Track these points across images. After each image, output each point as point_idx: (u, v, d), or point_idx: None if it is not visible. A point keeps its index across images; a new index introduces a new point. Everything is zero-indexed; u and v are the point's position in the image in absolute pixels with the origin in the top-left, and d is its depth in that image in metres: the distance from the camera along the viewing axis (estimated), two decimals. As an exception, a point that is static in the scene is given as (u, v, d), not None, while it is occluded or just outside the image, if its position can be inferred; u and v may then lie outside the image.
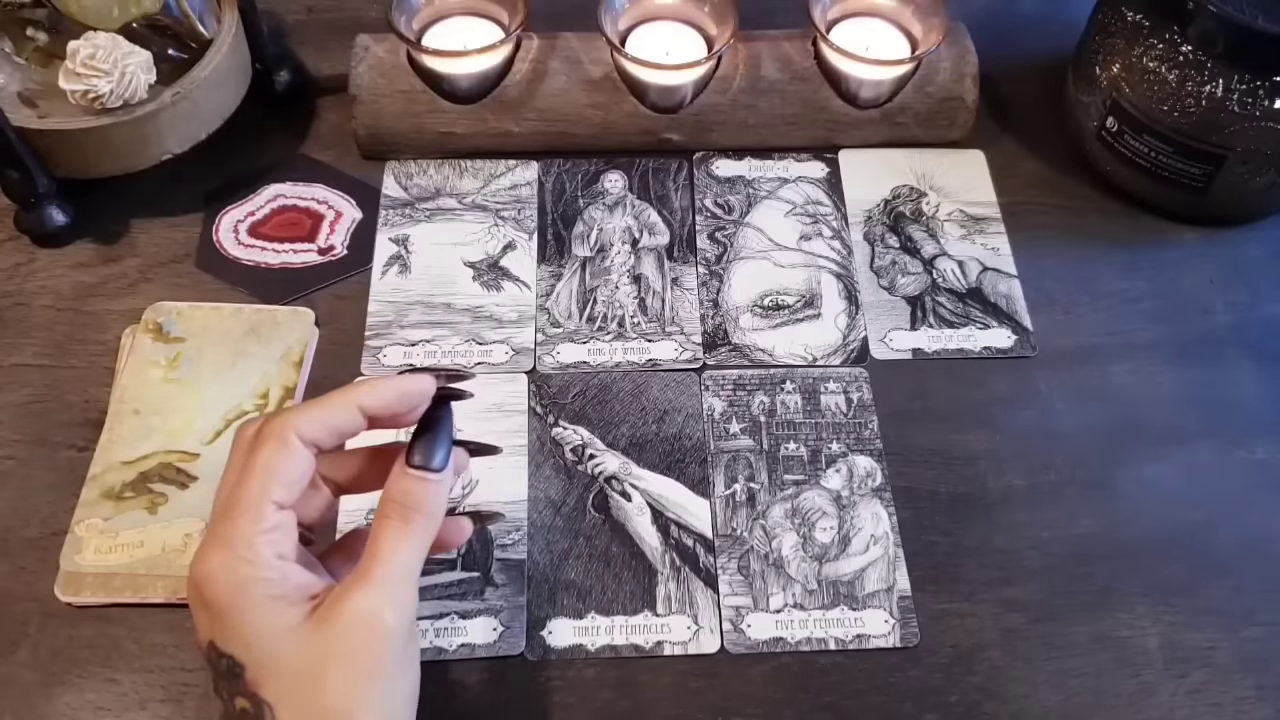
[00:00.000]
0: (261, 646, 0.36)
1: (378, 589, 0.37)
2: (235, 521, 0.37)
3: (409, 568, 0.38)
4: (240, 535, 0.36)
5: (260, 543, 0.36)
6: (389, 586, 0.37)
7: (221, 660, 0.36)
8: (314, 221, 0.61)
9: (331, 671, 0.35)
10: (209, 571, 0.36)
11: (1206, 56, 0.55)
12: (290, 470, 0.38)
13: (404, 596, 0.37)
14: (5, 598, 0.48)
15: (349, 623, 0.36)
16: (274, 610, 0.36)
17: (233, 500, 0.37)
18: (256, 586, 0.36)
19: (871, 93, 0.62)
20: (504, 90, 0.61)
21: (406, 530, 0.38)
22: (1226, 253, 0.61)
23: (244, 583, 0.36)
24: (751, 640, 0.48)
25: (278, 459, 0.37)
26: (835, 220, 0.62)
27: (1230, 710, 0.46)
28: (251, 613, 0.36)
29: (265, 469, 0.37)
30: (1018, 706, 0.46)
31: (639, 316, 0.58)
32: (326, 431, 0.38)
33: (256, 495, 0.37)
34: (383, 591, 0.37)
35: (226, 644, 0.36)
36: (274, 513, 0.37)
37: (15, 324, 0.56)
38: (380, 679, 0.36)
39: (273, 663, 0.36)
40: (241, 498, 0.37)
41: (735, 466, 0.53)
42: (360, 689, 0.36)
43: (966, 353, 0.57)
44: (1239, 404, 0.55)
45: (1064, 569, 0.50)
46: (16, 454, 0.52)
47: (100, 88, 0.54)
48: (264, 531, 0.37)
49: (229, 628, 0.36)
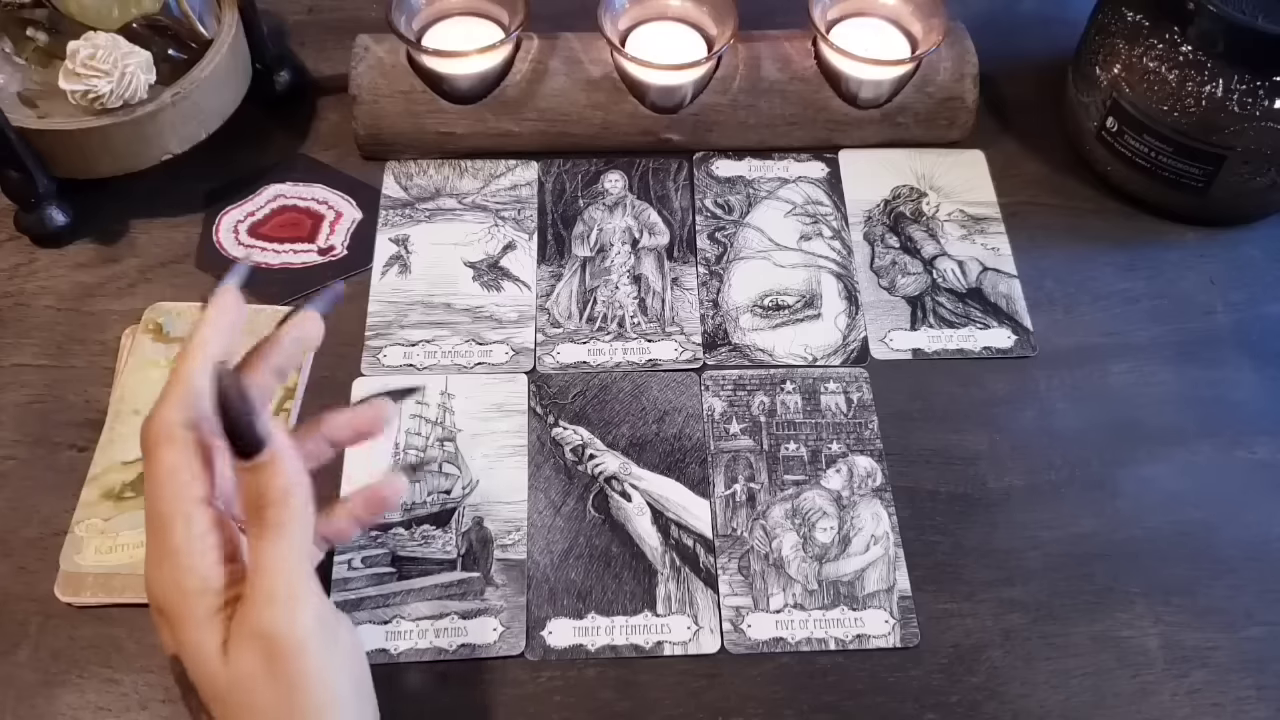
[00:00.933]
0: (200, 666, 0.35)
1: (266, 605, 0.35)
2: (171, 529, 0.36)
3: (289, 569, 0.36)
4: (180, 543, 0.36)
5: (199, 549, 0.36)
6: (276, 599, 0.35)
7: (184, 676, 0.36)
8: (314, 222, 0.61)
9: (257, 693, 0.35)
10: (158, 583, 0.36)
11: (1206, 56, 0.55)
12: (191, 462, 0.36)
13: (295, 603, 0.35)
14: (5, 598, 0.48)
15: (253, 645, 0.35)
16: (211, 627, 0.35)
17: (158, 512, 0.36)
18: (200, 600, 0.35)
19: (871, 93, 0.62)
20: (504, 90, 0.61)
21: (267, 531, 0.36)
22: (1226, 253, 0.61)
23: (187, 595, 0.35)
24: (752, 640, 0.48)
25: (174, 458, 0.36)
26: (835, 220, 0.62)
27: (1230, 710, 0.46)
28: (195, 630, 0.35)
29: (169, 473, 0.36)
30: (1018, 706, 0.46)
31: (639, 317, 0.58)
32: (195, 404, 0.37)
33: (176, 500, 0.36)
34: (271, 606, 0.35)
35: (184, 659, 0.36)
36: (201, 512, 0.36)
37: (15, 324, 0.56)
38: (306, 692, 0.35)
39: (210, 683, 0.35)
40: (163, 510, 0.36)
41: (735, 467, 0.53)
42: (287, 707, 0.35)
43: (966, 353, 0.57)
44: (1239, 404, 0.55)
45: (1064, 569, 0.50)
46: (16, 454, 0.52)
47: (100, 88, 0.54)
48: (200, 536, 0.36)
49: (182, 644, 0.36)
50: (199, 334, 0.38)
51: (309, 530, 0.37)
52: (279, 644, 0.35)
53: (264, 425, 0.36)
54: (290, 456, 0.37)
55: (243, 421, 0.35)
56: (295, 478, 0.37)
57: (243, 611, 0.35)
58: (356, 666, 0.38)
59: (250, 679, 0.35)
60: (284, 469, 0.36)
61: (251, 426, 0.35)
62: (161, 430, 0.36)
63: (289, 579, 0.36)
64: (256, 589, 0.35)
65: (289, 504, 0.36)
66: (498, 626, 0.48)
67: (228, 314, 0.39)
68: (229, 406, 0.35)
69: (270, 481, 0.36)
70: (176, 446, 0.36)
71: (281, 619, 0.35)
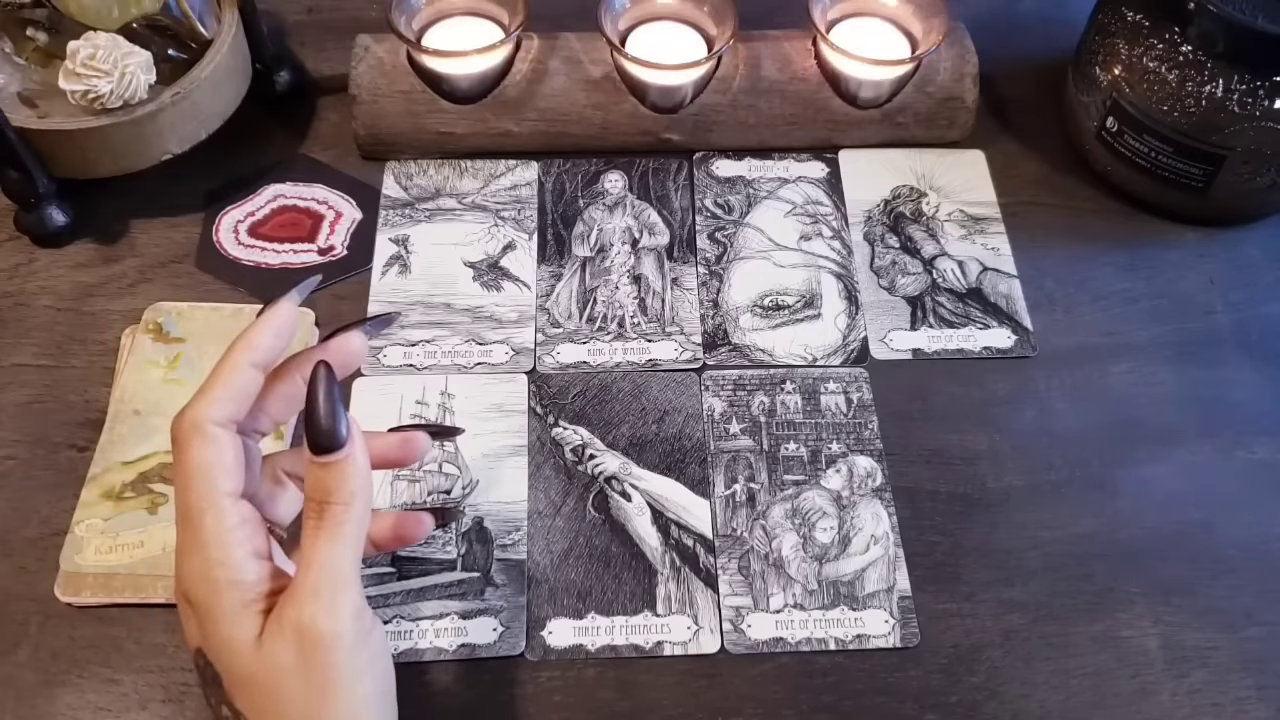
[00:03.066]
0: (230, 658, 0.36)
1: (309, 599, 0.35)
2: (201, 522, 0.36)
3: (338, 568, 0.36)
4: (210, 536, 0.36)
5: (231, 541, 0.36)
6: (320, 595, 0.35)
7: (208, 668, 0.36)
8: (314, 222, 0.61)
9: (287, 685, 0.35)
10: (188, 576, 0.36)
11: (1206, 56, 0.55)
12: (223, 457, 0.37)
13: (339, 600, 0.36)
14: (5, 598, 0.48)
15: (290, 637, 0.35)
16: (242, 620, 0.36)
17: (188, 505, 0.36)
18: (231, 592, 0.36)
19: (871, 93, 0.62)
20: (504, 90, 0.61)
21: (325, 528, 0.36)
22: (1226, 253, 0.61)
23: (219, 587, 0.36)
24: (751, 640, 0.48)
25: (206, 453, 0.36)
26: (835, 220, 0.62)
27: (1230, 710, 0.46)
28: (224, 621, 0.36)
29: (200, 468, 0.36)
30: (1018, 706, 0.46)
31: (639, 316, 0.58)
32: (232, 403, 0.37)
33: (208, 494, 0.36)
34: (315, 601, 0.35)
35: (209, 651, 0.36)
36: (233, 506, 0.36)
37: (15, 324, 0.56)
38: (336, 687, 0.35)
39: (240, 675, 0.36)
40: (194, 501, 0.36)
41: (735, 467, 0.53)
42: (317, 700, 0.35)
43: (966, 353, 0.57)
44: (1239, 404, 0.55)
45: (1064, 569, 0.50)
46: (16, 454, 0.52)
47: (100, 88, 0.54)
48: (231, 529, 0.36)
49: (209, 636, 0.36)
50: (249, 336, 0.38)
51: (364, 534, 0.37)
52: (316, 639, 0.35)
53: (346, 424, 0.36)
54: (364, 460, 0.37)
55: (328, 418, 0.36)
56: (364, 481, 0.37)
57: (284, 603, 0.36)
58: (385, 674, 0.38)
59: (282, 671, 0.35)
60: (356, 471, 0.37)
61: (335, 424, 0.36)
62: (192, 424, 0.37)
63: (336, 577, 0.36)
64: (303, 583, 0.36)
65: (353, 506, 0.37)
66: (498, 626, 0.48)
67: (280, 322, 0.39)
68: (317, 400, 0.36)
69: (340, 481, 0.36)
70: (208, 441, 0.37)
71: (322, 615, 0.35)
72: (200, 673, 0.37)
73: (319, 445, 0.36)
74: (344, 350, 0.40)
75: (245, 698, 0.36)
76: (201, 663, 0.36)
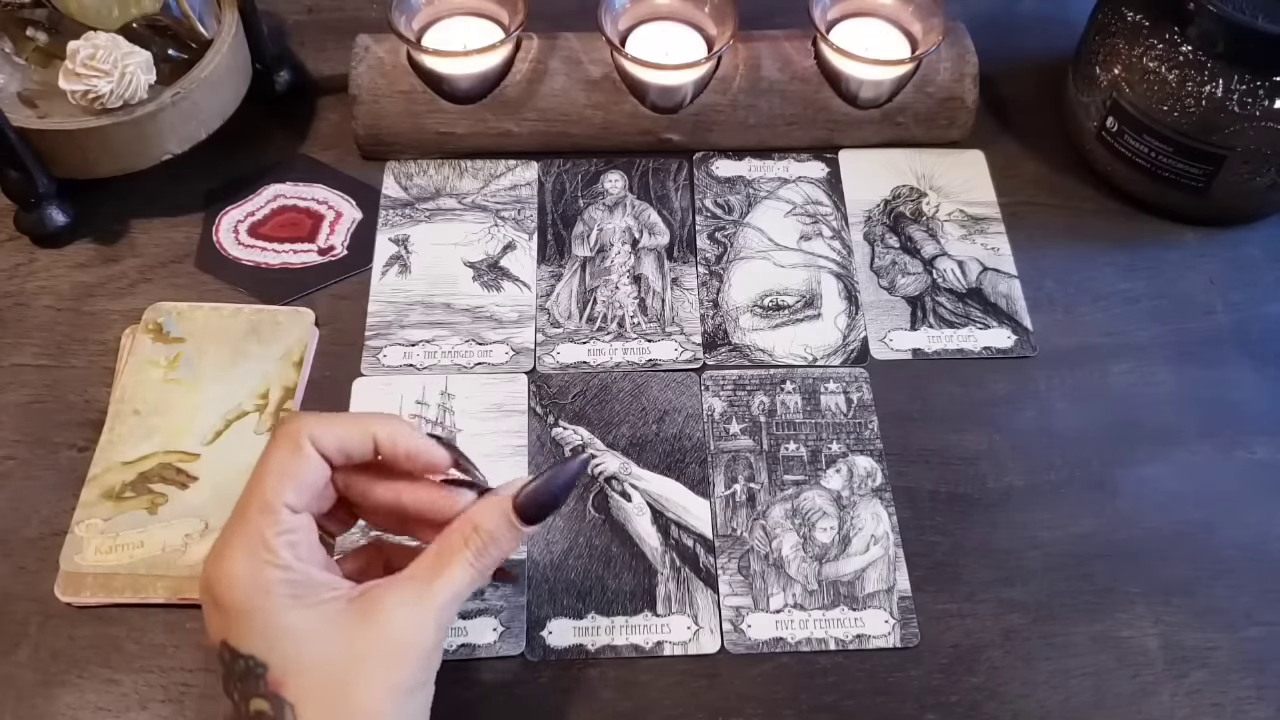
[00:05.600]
0: (286, 646, 0.36)
1: (432, 606, 0.37)
2: (252, 523, 0.37)
3: (464, 594, 0.39)
4: (259, 537, 0.36)
5: (279, 544, 0.37)
6: (444, 607, 0.38)
7: (238, 661, 0.36)
8: (314, 222, 0.61)
9: (366, 673, 0.36)
10: (229, 571, 0.36)
11: (1206, 56, 0.55)
12: (302, 474, 0.38)
13: (449, 618, 0.38)
14: (5, 598, 0.48)
15: (395, 629, 0.36)
16: (298, 610, 0.36)
17: (247, 500, 0.37)
18: (281, 587, 0.36)
19: (871, 93, 0.62)
20: (504, 90, 0.61)
21: (480, 562, 0.39)
22: (1226, 253, 0.61)
23: (268, 583, 0.36)
24: (751, 640, 0.48)
25: (291, 462, 0.38)
26: (835, 220, 0.62)
27: (1230, 710, 0.46)
28: (276, 613, 0.36)
29: (279, 470, 0.37)
30: (1018, 706, 0.46)
31: (639, 316, 0.58)
32: (338, 445, 0.39)
33: (269, 497, 0.37)
34: (437, 609, 0.37)
35: (245, 644, 0.36)
36: (289, 516, 0.37)
37: (15, 324, 0.56)
38: (409, 689, 0.37)
39: (297, 663, 0.36)
40: (254, 499, 0.37)
41: (735, 467, 0.53)
42: (391, 695, 0.36)
43: (966, 353, 0.57)
44: (1239, 404, 0.55)
45: (1064, 569, 0.50)
46: (16, 454, 0.52)
47: (100, 88, 0.54)
48: (281, 534, 0.37)
49: (248, 628, 0.36)
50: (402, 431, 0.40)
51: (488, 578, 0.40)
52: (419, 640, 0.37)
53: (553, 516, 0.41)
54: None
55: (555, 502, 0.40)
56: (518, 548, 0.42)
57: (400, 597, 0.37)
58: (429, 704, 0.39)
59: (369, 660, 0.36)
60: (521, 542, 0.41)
61: (553, 509, 0.40)
62: (294, 432, 0.38)
63: (459, 598, 0.39)
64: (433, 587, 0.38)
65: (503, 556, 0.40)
66: (498, 626, 0.48)
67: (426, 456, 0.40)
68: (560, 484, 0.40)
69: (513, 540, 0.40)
70: (298, 454, 0.38)
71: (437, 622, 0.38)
72: (226, 666, 0.37)
73: (531, 519, 0.40)
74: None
75: (297, 684, 0.36)
76: (229, 656, 0.36)
